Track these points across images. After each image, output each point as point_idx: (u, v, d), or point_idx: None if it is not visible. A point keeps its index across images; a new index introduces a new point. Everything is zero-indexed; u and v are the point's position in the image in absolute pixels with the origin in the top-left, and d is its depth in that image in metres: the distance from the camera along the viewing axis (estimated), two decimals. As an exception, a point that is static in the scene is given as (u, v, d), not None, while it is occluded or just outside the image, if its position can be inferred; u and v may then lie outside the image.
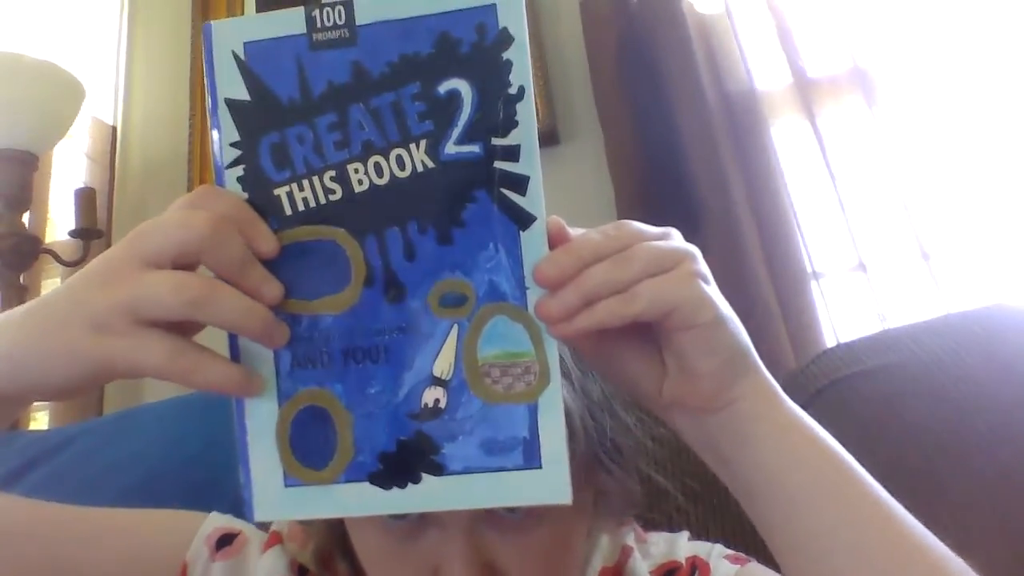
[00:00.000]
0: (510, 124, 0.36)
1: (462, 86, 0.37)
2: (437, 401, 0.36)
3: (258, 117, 0.38)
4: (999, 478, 0.72)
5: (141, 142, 1.55)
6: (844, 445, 0.88)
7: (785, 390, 0.90)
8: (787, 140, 1.21)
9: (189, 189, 1.41)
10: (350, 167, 0.37)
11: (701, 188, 1.14)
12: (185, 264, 0.35)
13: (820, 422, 0.86)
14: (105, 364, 0.35)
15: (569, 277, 0.36)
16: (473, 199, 0.37)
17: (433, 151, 0.37)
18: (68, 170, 1.53)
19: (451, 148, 0.37)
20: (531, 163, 0.36)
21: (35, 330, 0.37)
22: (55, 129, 1.36)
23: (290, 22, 0.38)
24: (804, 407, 0.82)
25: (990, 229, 1.12)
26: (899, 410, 0.77)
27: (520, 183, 0.36)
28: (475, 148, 0.37)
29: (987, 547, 0.70)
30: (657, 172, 1.19)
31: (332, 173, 0.37)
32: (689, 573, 0.55)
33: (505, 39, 0.36)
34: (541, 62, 1.34)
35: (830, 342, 1.09)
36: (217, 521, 0.57)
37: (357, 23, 0.37)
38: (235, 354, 0.37)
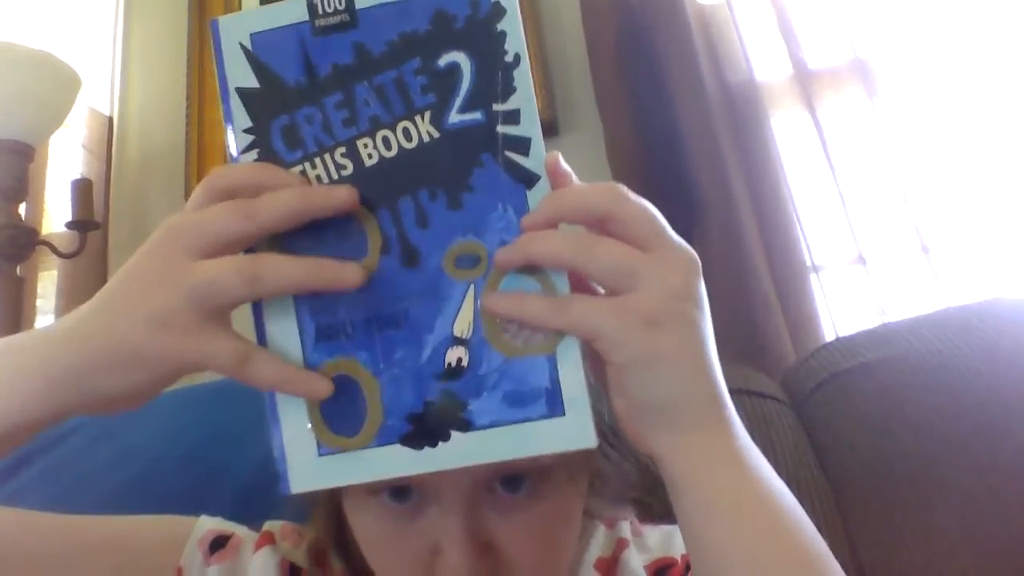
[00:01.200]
0: (509, 90, 0.38)
1: (460, 58, 0.38)
2: (460, 360, 0.37)
3: (268, 102, 0.39)
4: (998, 471, 0.72)
5: (138, 133, 1.54)
6: (844, 438, 0.88)
7: (785, 384, 0.90)
8: (787, 132, 1.21)
9: (186, 180, 1.40)
10: (359, 142, 0.38)
11: (701, 180, 1.14)
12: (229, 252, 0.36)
13: (821, 415, 0.86)
14: (176, 364, 0.35)
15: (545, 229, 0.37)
16: (479, 163, 0.38)
17: (437, 121, 0.38)
18: (64, 161, 1.52)
19: (454, 117, 0.38)
20: (531, 125, 0.38)
21: (93, 340, 0.36)
22: (51, 120, 1.35)
23: (293, 11, 0.39)
24: (804, 400, 0.83)
25: (990, 223, 1.12)
26: (899, 403, 0.78)
27: (523, 144, 0.38)
28: (477, 115, 0.38)
29: (987, 538, 0.70)
30: (657, 164, 1.18)
31: (342, 150, 0.39)
32: (683, 571, 0.55)
33: (498, 11, 0.38)
34: (541, 53, 1.33)
35: (829, 335, 1.09)
36: (208, 524, 0.57)
37: (357, 7, 0.39)
38: (260, 330, 0.38)
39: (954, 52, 1.19)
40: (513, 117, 0.38)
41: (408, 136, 0.38)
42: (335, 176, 0.38)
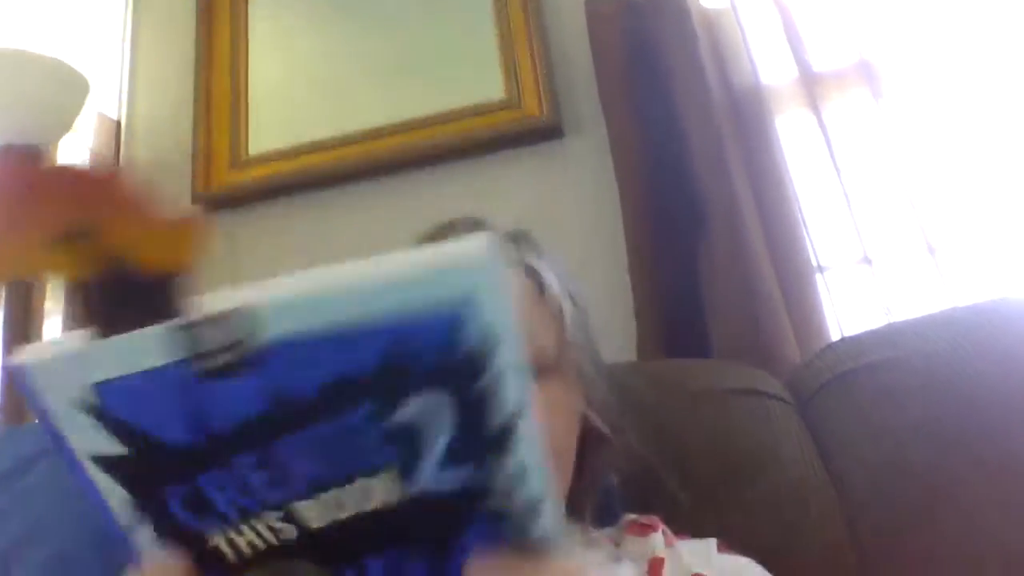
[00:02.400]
0: (507, 439, 0.26)
1: (436, 400, 0.26)
2: None
3: (150, 469, 0.28)
4: (1004, 471, 0.72)
5: (145, 137, 1.55)
6: (849, 438, 0.88)
7: (790, 384, 0.91)
8: (792, 134, 1.21)
9: (193, 184, 1.41)
10: (298, 504, 0.28)
11: (706, 182, 1.14)
12: None
13: (825, 415, 0.86)
14: None
15: None
16: (471, 521, 0.28)
17: (404, 482, 0.27)
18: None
19: (426, 476, 0.27)
20: (539, 485, 0.27)
21: None
22: (60, 124, 1.36)
23: (157, 347, 0.26)
24: (809, 400, 0.83)
25: (996, 223, 1.12)
26: (904, 404, 0.77)
27: (527, 513, 0.27)
28: (461, 474, 0.27)
29: (992, 539, 0.70)
30: (662, 166, 1.18)
31: (277, 513, 0.28)
32: None
33: (489, 340, 0.25)
34: (545, 55, 1.33)
35: (835, 336, 1.08)
36: None
37: (263, 341, 0.25)
38: None
39: (959, 53, 1.19)
40: (515, 477, 0.27)
41: (366, 498, 0.27)
42: (273, 541, 0.29)
